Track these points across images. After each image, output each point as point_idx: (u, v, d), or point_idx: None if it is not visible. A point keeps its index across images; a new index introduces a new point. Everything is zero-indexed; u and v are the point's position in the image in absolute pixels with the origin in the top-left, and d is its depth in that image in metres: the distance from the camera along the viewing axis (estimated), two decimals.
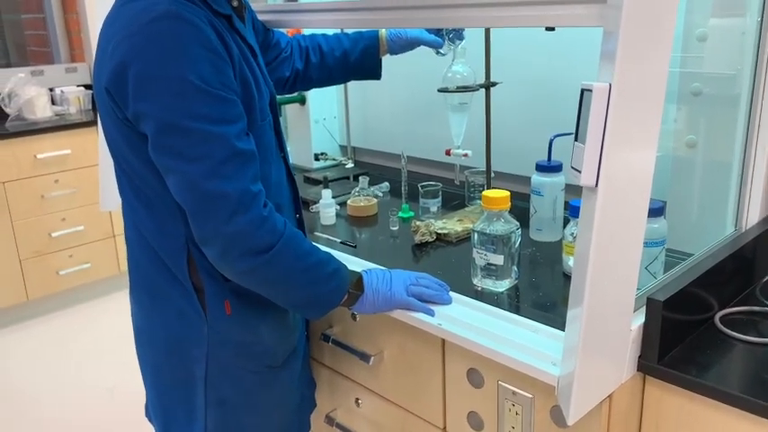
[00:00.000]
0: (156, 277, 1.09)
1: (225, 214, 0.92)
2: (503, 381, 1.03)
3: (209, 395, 1.11)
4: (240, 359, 1.11)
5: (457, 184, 1.63)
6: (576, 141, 0.81)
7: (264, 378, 1.15)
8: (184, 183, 0.93)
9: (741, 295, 1.16)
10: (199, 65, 0.90)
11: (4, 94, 3.20)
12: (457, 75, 1.47)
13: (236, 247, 0.95)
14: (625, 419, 0.99)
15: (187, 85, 0.89)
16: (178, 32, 0.90)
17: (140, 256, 1.10)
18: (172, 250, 1.05)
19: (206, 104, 0.91)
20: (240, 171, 0.94)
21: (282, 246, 0.97)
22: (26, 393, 2.54)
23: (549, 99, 1.59)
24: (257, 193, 0.96)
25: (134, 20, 0.92)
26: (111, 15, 0.99)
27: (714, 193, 1.24)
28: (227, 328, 1.08)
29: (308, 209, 1.63)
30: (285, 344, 1.18)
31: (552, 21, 0.90)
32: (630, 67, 0.76)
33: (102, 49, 0.98)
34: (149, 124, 0.92)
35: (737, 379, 0.95)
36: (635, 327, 0.96)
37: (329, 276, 1.05)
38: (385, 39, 1.44)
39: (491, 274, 1.15)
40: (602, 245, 0.81)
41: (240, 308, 1.08)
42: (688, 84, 1.21)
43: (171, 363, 1.13)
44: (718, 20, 1.18)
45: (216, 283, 1.06)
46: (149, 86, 0.90)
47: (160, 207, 1.03)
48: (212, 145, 0.91)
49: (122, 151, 1.02)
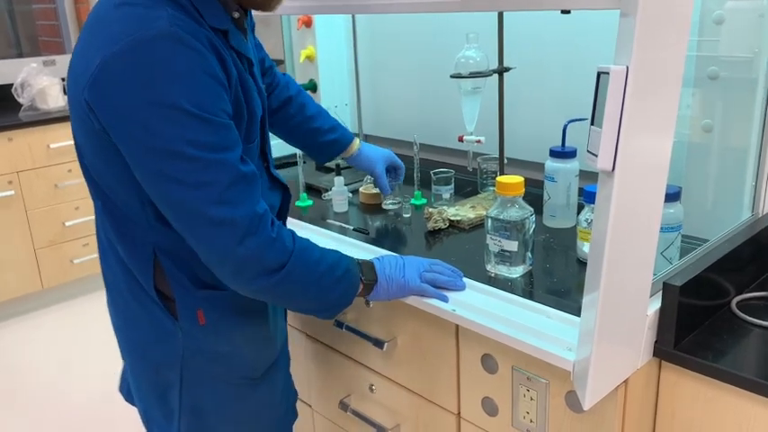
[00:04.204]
0: (125, 283, 1.06)
1: (234, 240, 0.90)
2: (517, 366, 1.03)
3: (183, 401, 1.09)
4: (216, 368, 1.09)
5: (470, 170, 1.62)
6: (593, 125, 0.81)
7: (242, 390, 1.12)
8: (186, 210, 0.90)
9: (758, 281, 1.15)
10: (198, 92, 0.87)
11: (16, 85, 3.21)
12: (470, 60, 1.46)
13: (249, 269, 0.94)
14: (641, 404, 0.99)
15: (186, 113, 0.85)
16: (177, 57, 0.85)
17: (111, 260, 1.08)
18: (138, 259, 1.03)
19: (207, 132, 0.87)
20: (245, 195, 0.92)
21: (294, 262, 0.96)
22: (42, 381, 2.57)
23: (563, 84, 1.58)
24: (263, 215, 0.94)
25: (129, 32, 0.85)
26: (100, 15, 0.91)
27: (730, 178, 1.23)
28: (202, 338, 1.06)
29: (321, 196, 1.63)
30: (264, 355, 1.15)
31: (569, 3, 0.89)
32: (648, 50, 0.76)
33: (85, 53, 0.90)
34: (136, 148, 0.88)
35: (754, 364, 0.95)
36: (651, 312, 0.95)
37: (340, 278, 1.03)
38: (356, 148, 1.44)
39: (505, 261, 1.15)
40: (619, 229, 0.81)
41: (214, 318, 1.06)
42: (704, 67, 1.19)
43: (145, 365, 1.11)
44: (735, 2, 1.16)
45: (186, 292, 1.03)
46: (142, 113, 0.85)
47: (127, 216, 1.00)
48: (216, 171, 0.89)
49: (91, 159, 0.98)
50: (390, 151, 1.50)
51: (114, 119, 0.87)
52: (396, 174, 1.51)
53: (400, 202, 1.52)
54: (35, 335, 2.91)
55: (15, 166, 2.96)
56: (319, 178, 1.75)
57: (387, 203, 1.53)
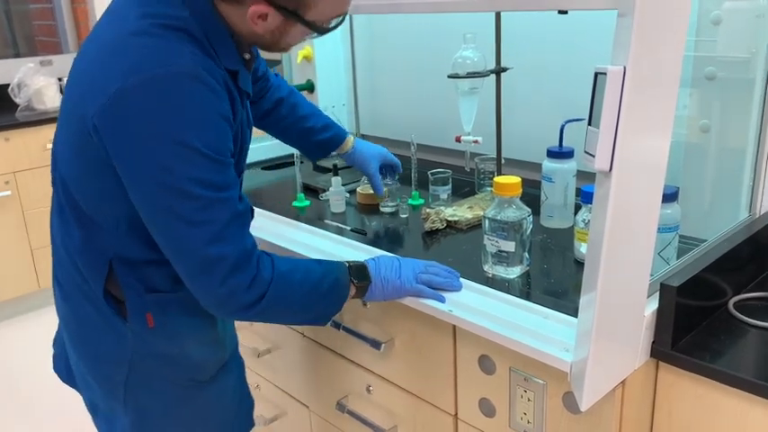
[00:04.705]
0: (78, 284, 1.06)
1: (220, 276, 0.93)
2: (514, 367, 1.03)
3: (128, 400, 1.09)
4: (164, 370, 1.09)
5: (467, 171, 1.62)
6: (590, 126, 0.81)
7: (189, 391, 1.13)
8: (183, 245, 0.92)
9: (755, 281, 1.15)
10: (211, 133, 0.89)
11: (13, 85, 3.20)
12: (467, 60, 1.46)
13: (229, 305, 0.96)
14: (638, 405, 0.98)
15: (198, 153, 0.87)
16: (195, 96, 0.87)
17: (65, 259, 1.07)
18: (93, 265, 1.03)
19: (215, 172, 0.90)
20: (240, 232, 0.95)
21: (272, 293, 0.98)
22: (39, 381, 2.56)
23: (561, 85, 1.58)
24: (251, 250, 0.96)
25: (151, 65, 0.86)
26: (116, 40, 0.90)
27: (728, 178, 1.23)
28: (151, 340, 1.06)
29: (318, 197, 1.63)
30: (214, 358, 1.15)
31: (566, 4, 0.89)
32: (645, 50, 0.75)
33: (95, 74, 0.90)
34: (144, 181, 0.89)
35: (751, 365, 0.95)
36: (648, 313, 0.95)
37: (328, 291, 1.05)
38: (350, 145, 1.44)
39: (502, 261, 1.15)
40: (616, 230, 0.81)
41: (163, 321, 1.06)
42: (702, 68, 1.19)
43: (94, 362, 1.11)
44: (733, 2, 1.16)
45: (137, 296, 1.04)
46: (156, 148, 0.87)
47: (95, 225, 1.01)
48: (218, 210, 0.91)
49: (74, 172, 0.99)
50: (385, 149, 1.50)
51: (124, 149, 0.88)
52: (392, 172, 1.51)
53: (398, 203, 1.51)
54: (32, 335, 2.90)
55: (12, 167, 2.96)
56: (316, 178, 1.75)
57: (384, 204, 1.52)
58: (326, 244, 1.34)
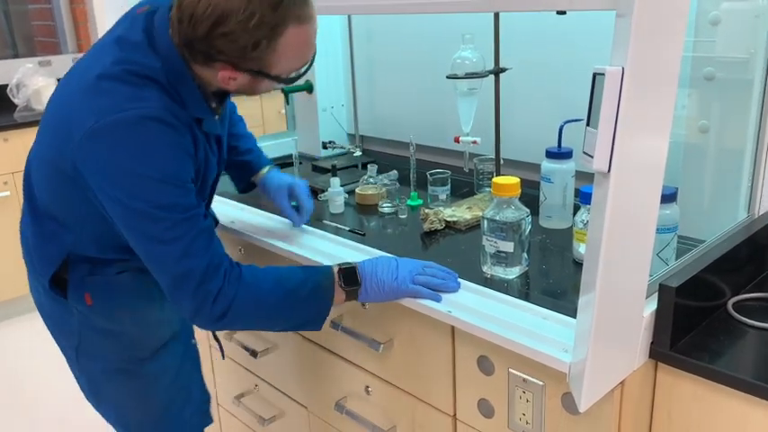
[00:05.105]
0: (33, 265, 1.23)
1: (191, 289, 1.03)
2: (513, 368, 1.02)
3: (81, 363, 1.26)
4: (106, 343, 1.22)
5: (466, 171, 1.62)
6: (588, 126, 0.80)
7: (131, 367, 1.25)
8: (159, 263, 1.05)
9: (754, 281, 1.15)
10: (174, 165, 1.02)
11: (12, 85, 3.20)
12: (466, 61, 1.46)
13: (200, 316, 1.06)
14: (637, 406, 0.98)
15: (164, 183, 1.00)
16: (161, 135, 1.00)
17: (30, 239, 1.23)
18: (48, 257, 1.17)
19: (178, 196, 1.02)
20: (205, 245, 1.04)
21: (239, 303, 1.05)
22: (39, 381, 2.56)
23: (559, 85, 1.57)
24: (218, 262, 1.05)
25: (117, 108, 0.98)
26: (91, 81, 1.01)
27: (726, 178, 1.23)
28: (92, 317, 1.19)
29: (317, 197, 1.63)
30: (151, 336, 1.25)
31: (564, 4, 0.89)
32: (644, 51, 0.75)
33: (72, 110, 1.02)
34: (120, 208, 1.02)
35: (750, 365, 0.95)
36: (647, 313, 0.95)
37: (308, 297, 1.10)
38: (263, 173, 1.44)
39: (501, 262, 1.15)
40: (615, 230, 0.81)
41: (101, 300, 1.18)
42: (700, 68, 1.19)
43: (55, 331, 1.27)
44: (731, 3, 1.16)
45: (79, 278, 1.17)
46: (126, 179, 0.99)
47: (61, 227, 1.14)
48: (184, 228, 1.02)
49: (47, 186, 1.12)
50: (298, 181, 1.42)
51: (100, 181, 1.01)
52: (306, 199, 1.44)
53: (396, 204, 1.51)
54: (32, 336, 2.89)
55: (11, 167, 2.95)
56: (315, 179, 1.75)
57: (383, 204, 1.52)
58: (325, 244, 1.34)
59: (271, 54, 1.00)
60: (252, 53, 0.99)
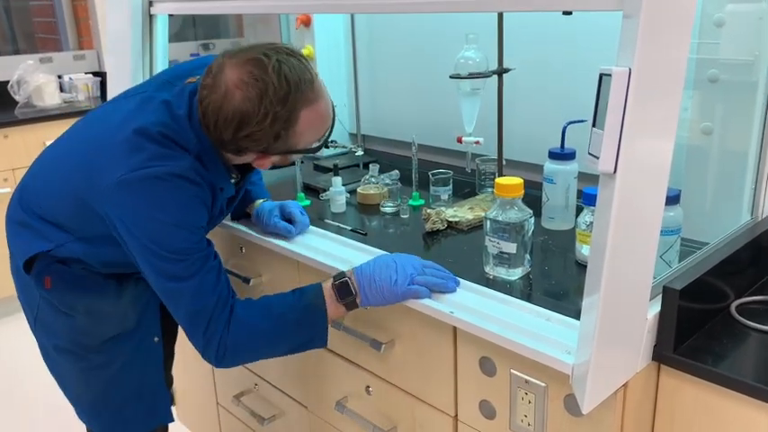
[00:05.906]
0: (15, 243, 1.31)
1: (202, 327, 1.11)
2: (515, 369, 1.02)
3: (37, 333, 1.37)
4: (59, 323, 1.31)
5: (468, 171, 1.62)
6: (594, 127, 0.80)
7: (78, 350, 1.33)
8: (176, 301, 1.13)
9: (757, 284, 1.15)
10: (194, 215, 1.13)
11: (12, 82, 3.20)
12: (469, 61, 1.46)
13: (207, 357, 1.15)
14: (640, 408, 0.98)
15: (182, 229, 1.11)
16: (185, 190, 1.11)
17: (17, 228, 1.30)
18: (30, 246, 1.24)
19: (193, 241, 1.12)
20: (212, 282, 1.12)
21: (232, 343, 1.12)
22: (40, 380, 2.54)
23: (563, 86, 1.57)
24: (226, 300, 1.13)
25: (149, 164, 1.09)
26: (127, 133, 1.12)
27: (730, 181, 1.23)
28: (49, 298, 1.29)
29: (319, 196, 1.62)
30: (100, 328, 1.32)
31: (570, 5, 0.89)
32: (650, 52, 0.75)
33: (103, 149, 1.13)
34: (142, 249, 1.11)
35: (753, 369, 0.94)
36: (651, 315, 0.95)
37: (300, 318, 1.14)
38: (256, 204, 1.45)
39: (503, 263, 1.14)
40: (620, 232, 0.80)
41: (59, 285, 1.27)
42: (704, 70, 1.19)
43: (20, 289, 1.36)
44: (736, 5, 1.16)
45: (44, 264, 1.25)
46: (150, 225, 1.10)
47: (69, 232, 1.22)
48: (197, 265, 1.11)
49: (62, 211, 1.22)
50: (287, 203, 1.44)
51: (126, 223, 1.11)
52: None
53: (398, 203, 1.51)
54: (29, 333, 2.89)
55: (11, 164, 2.95)
56: (317, 178, 1.74)
57: (385, 204, 1.52)
58: (326, 244, 1.33)
59: (293, 137, 1.11)
60: (275, 144, 1.11)
